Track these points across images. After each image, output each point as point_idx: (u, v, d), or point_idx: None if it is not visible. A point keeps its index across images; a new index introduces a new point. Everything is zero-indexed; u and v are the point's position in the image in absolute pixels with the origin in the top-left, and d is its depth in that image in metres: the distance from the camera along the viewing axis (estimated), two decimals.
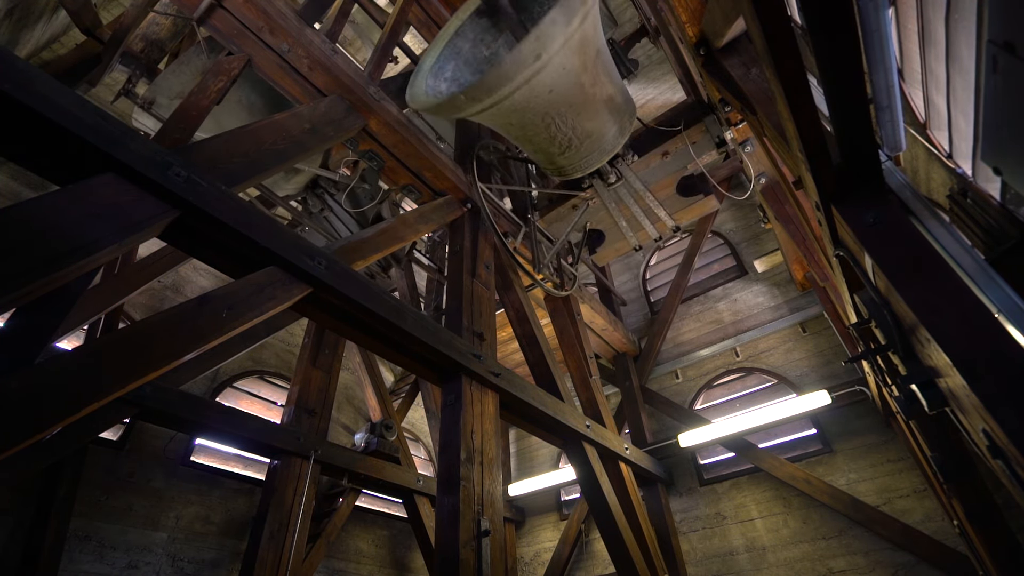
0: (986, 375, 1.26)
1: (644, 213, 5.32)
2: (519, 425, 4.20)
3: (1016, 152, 1.68)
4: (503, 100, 3.37)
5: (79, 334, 5.38)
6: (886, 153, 1.99)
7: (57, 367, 1.71)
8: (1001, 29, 1.48)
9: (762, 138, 3.30)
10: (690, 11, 3.01)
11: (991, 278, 1.56)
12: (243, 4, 3.29)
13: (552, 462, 8.37)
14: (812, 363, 6.49)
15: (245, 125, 2.96)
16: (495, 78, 3.19)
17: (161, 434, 5.54)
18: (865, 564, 5.07)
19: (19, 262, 1.68)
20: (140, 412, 4.22)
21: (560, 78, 3.40)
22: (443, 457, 3.10)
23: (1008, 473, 1.31)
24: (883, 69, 1.73)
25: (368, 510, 7.21)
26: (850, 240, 1.91)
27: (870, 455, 5.54)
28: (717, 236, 8.74)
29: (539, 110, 3.55)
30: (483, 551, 2.73)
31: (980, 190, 2.18)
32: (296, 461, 5.09)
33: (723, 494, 6.28)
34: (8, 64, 1.87)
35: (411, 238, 3.86)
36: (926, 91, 2.42)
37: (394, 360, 3.32)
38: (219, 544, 5.52)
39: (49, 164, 2.06)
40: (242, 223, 2.43)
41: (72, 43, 6.05)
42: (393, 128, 4.02)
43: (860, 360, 3.04)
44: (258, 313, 2.37)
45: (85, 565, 4.53)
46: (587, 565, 6.90)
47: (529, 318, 4.72)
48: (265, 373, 7.01)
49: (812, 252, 4.94)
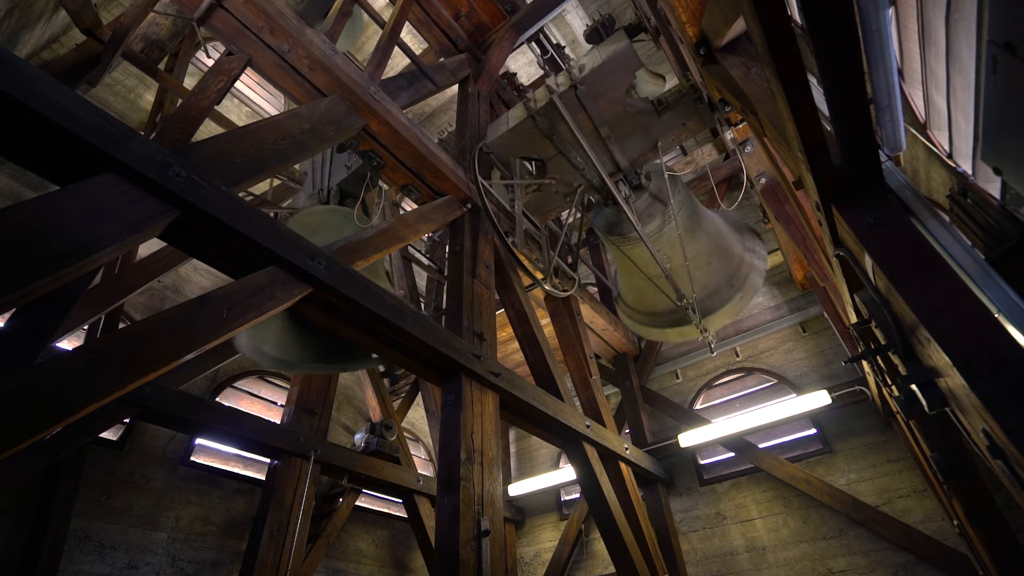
0: (986, 375, 1.26)
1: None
2: (519, 425, 4.20)
3: (1016, 152, 1.68)
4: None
5: (79, 334, 5.38)
6: (886, 153, 1.99)
7: (57, 367, 1.71)
8: (1001, 29, 1.48)
9: (762, 138, 3.30)
10: (690, 11, 3.01)
11: (991, 278, 1.56)
12: (243, 4, 3.29)
13: (552, 462, 8.37)
14: (812, 363, 6.49)
15: (245, 125, 2.96)
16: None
17: (161, 434, 5.54)
18: (865, 564, 5.07)
19: (19, 262, 1.68)
20: (140, 412, 4.21)
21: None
22: (443, 457, 3.10)
23: (1008, 473, 1.31)
24: (883, 69, 1.73)
25: (368, 510, 7.21)
26: (850, 240, 1.91)
27: (870, 455, 5.54)
28: None
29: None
30: (483, 551, 2.73)
31: (980, 190, 2.18)
32: (296, 461, 5.09)
33: (723, 494, 6.28)
34: (8, 64, 1.87)
35: (411, 238, 3.85)
36: (926, 91, 2.42)
37: (394, 360, 3.32)
38: (219, 544, 5.52)
39: (49, 164, 2.06)
40: (242, 223, 2.43)
41: (72, 43, 6.05)
42: (393, 128, 4.02)
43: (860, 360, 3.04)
44: (258, 313, 2.37)
45: (85, 565, 4.53)
46: (587, 565, 6.90)
47: (529, 318, 4.72)
48: (265, 373, 7.01)
49: (812, 252, 4.94)
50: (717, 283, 4.79)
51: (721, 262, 4.80)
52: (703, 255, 4.75)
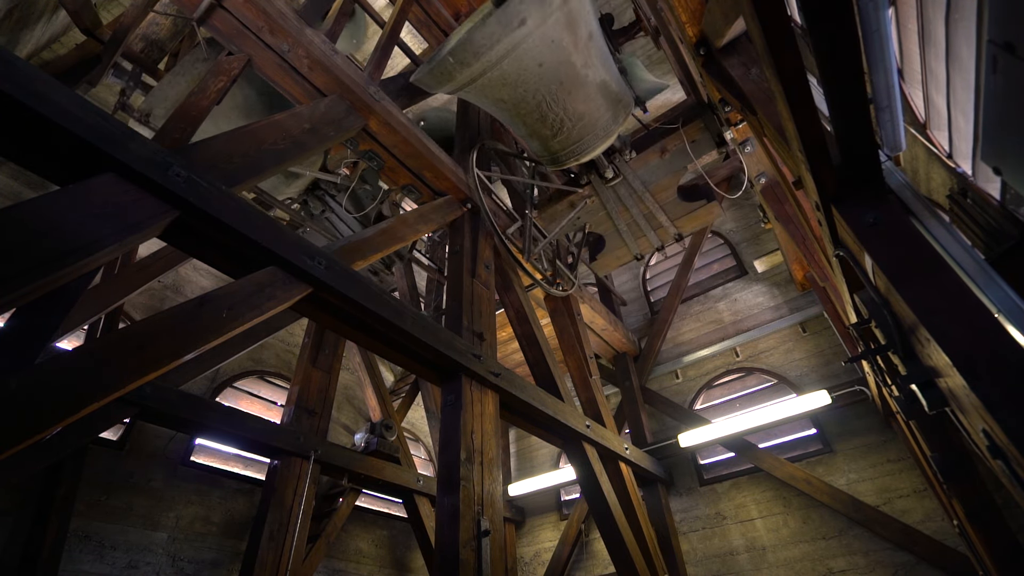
0: (986, 375, 1.26)
1: (645, 218, 5.30)
2: (519, 425, 4.21)
3: (1016, 152, 1.68)
4: (492, 68, 3.43)
5: (79, 334, 5.38)
6: (886, 153, 1.99)
7: (57, 367, 1.71)
8: (1001, 29, 1.48)
9: (762, 138, 3.30)
10: (690, 11, 3.01)
11: (991, 278, 1.56)
12: (243, 4, 3.29)
13: (552, 462, 8.37)
14: (812, 363, 6.49)
15: (245, 125, 2.96)
16: (481, 37, 3.27)
17: (161, 434, 5.54)
18: (865, 564, 5.07)
19: (19, 262, 1.68)
20: (140, 412, 4.21)
21: (549, 52, 3.47)
22: (443, 457, 3.10)
23: (1008, 473, 1.31)
24: (883, 69, 1.73)
25: (368, 510, 7.21)
26: (850, 240, 1.91)
27: (870, 455, 5.54)
28: (717, 236, 8.74)
29: (530, 85, 3.60)
30: (483, 551, 2.73)
31: (980, 190, 2.18)
32: (296, 461, 5.09)
33: (723, 494, 6.28)
34: (8, 64, 1.87)
35: (411, 238, 3.86)
36: (926, 91, 2.42)
37: (394, 360, 3.32)
38: (219, 544, 5.52)
39: (49, 164, 2.06)
40: (242, 223, 2.43)
41: (72, 43, 6.05)
42: (393, 128, 4.02)
43: (860, 360, 3.04)
44: (258, 313, 2.37)
45: (85, 565, 4.53)
46: (587, 565, 6.90)
47: (529, 318, 4.72)
48: (265, 373, 7.01)
49: (812, 252, 4.94)
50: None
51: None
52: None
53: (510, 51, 3.37)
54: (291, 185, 4.85)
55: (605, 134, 4.08)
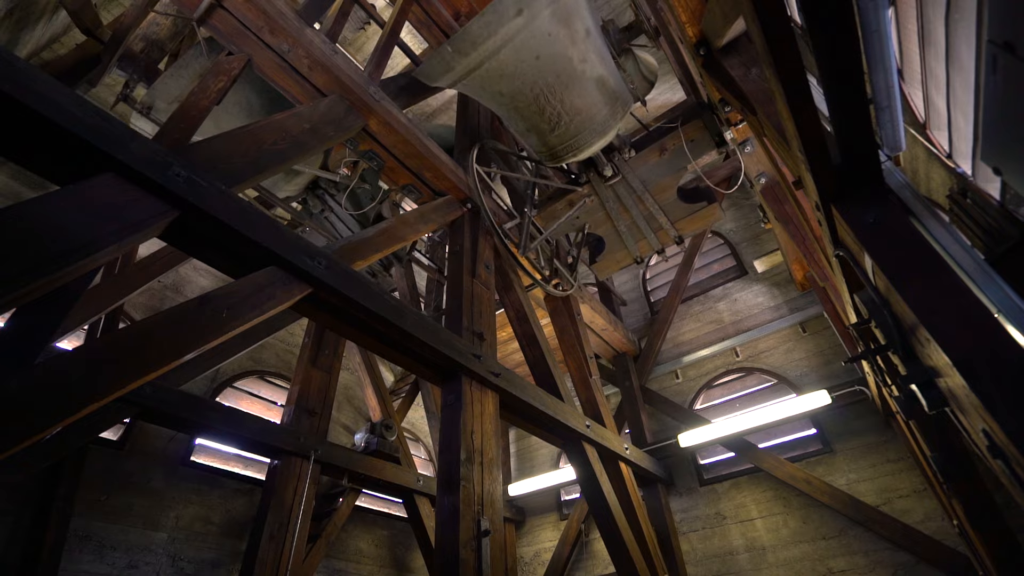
0: (986, 375, 1.26)
1: (645, 219, 5.30)
2: (519, 425, 4.21)
3: (1016, 152, 1.68)
4: (490, 58, 3.46)
5: (79, 334, 5.38)
6: (886, 153, 1.99)
7: (57, 367, 1.71)
8: (1001, 29, 1.48)
9: (762, 138, 3.30)
10: (690, 11, 3.01)
11: (991, 278, 1.56)
12: (243, 4, 3.29)
13: (552, 462, 8.37)
14: (812, 363, 6.49)
15: (245, 125, 2.96)
16: (479, 27, 3.30)
17: (161, 434, 5.54)
18: (865, 564, 5.07)
19: (19, 262, 1.68)
20: (140, 412, 4.21)
21: (546, 45, 3.50)
22: (443, 457, 3.10)
23: (1008, 473, 1.31)
24: (883, 69, 1.73)
25: (368, 510, 7.21)
26: (850, 240, 1.91)
27: (870, 455, 5.54)
28: (717, 236, 8.74)
29: (527, 78, 3.62)
30: (483, 551, 2.73)
31: (980, 190, 2.18)
32: (296, 461, 5.09)
33: (723, 494, 6.28)
34: (8, 64, 1.87)
35: (411, 238, 3.86)
36: (926, 91, 2.42)
37: (394, 360, 3.32)
38: (219, 544, 5.52)
39: (49, 164, 2.06)
40: (242, 223, 2.43)
41: (72, 43, 6.05)
42: (393, 128, 4.02)
43: (860, 360, 3.04)
44: (258, 313, 2.37)
45: (85, 565, 4.53)
46: (587, 565, 6.90)
47: (529, 318, 4.72)
48: (265, 373, 7.01)
49: (812, 252, 4.94)
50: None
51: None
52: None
53: (507, 41, 3.39)
54: (291, 182, 4.85)
55: (603, 130, 4.08)
